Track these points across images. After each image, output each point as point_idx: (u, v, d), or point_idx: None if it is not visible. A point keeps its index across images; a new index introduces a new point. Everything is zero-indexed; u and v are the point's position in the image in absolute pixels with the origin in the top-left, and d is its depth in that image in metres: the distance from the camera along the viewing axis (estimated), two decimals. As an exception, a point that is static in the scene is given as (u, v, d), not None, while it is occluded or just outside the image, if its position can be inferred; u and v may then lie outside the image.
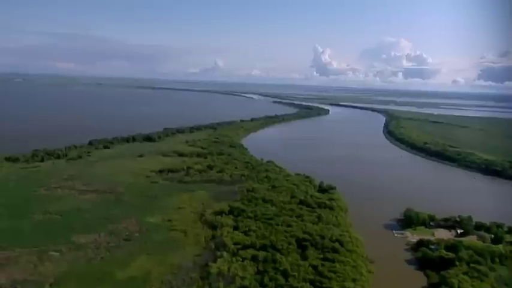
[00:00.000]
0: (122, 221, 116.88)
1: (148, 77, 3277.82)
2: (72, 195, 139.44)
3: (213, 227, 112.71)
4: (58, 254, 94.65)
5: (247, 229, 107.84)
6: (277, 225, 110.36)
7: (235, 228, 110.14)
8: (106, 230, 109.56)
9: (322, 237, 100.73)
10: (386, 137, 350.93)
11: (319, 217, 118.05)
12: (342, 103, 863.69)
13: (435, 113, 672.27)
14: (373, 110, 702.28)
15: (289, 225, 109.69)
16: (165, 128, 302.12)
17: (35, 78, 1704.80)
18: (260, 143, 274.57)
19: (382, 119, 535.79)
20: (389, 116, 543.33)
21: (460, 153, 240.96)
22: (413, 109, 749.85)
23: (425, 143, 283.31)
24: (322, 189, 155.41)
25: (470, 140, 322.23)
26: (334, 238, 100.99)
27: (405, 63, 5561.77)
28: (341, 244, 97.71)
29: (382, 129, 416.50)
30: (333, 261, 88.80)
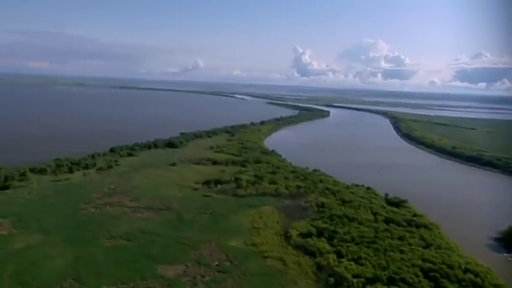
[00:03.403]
0: (200, 247, 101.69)
1: (128, 76, 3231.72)
2: (126, 214, 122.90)
3: (309, 253, 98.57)
4: (154, 293, 79.36)
5: (355, 256, 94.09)
6: (386, 250, 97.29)
7: (339, 254, 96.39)
8: (191, 259, 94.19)
9: (450, 267, 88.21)
10: (405, 140, 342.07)
11: (423, 239, 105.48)
12: (335, 104, 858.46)
13: (431, 114, 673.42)
14: (369, 111, 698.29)
15: (401, 251, 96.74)
16: (181, 133, 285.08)
17: (6, 77, 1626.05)
18: (282, 148, 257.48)
19: (385, 121, 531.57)
20: (393, 117, 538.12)
21: (500, 158, 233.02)
22: (408, 110, 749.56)
23: (454, 147, 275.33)
24: (392, 203, 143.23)
25: (490, 143, 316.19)
26: (463, 267, 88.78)
27: (383, 64, 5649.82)
28: (477, 275, 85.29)
29: (394, 131, 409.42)
30: (489, 300, 76.48)
